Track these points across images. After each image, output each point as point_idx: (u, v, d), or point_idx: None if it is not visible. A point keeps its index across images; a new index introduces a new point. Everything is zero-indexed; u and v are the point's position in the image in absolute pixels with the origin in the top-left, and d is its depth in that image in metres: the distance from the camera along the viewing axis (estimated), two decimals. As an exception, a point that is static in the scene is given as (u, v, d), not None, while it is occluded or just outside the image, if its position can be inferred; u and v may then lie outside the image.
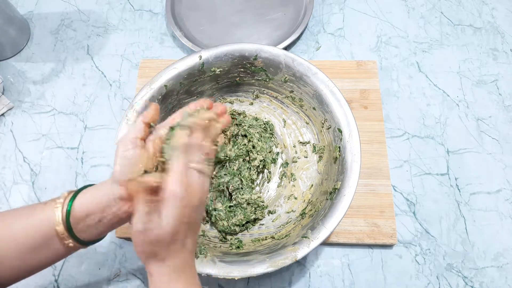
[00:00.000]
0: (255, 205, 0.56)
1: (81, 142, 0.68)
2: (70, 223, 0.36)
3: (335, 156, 0.53)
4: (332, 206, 0.48)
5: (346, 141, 0.51)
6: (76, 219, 0.36)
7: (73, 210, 0.36)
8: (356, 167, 0.49)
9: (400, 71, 0.71)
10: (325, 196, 0.52)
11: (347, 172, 0.50)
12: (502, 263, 0.57)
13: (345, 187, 0.49)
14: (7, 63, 0.76)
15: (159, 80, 0.55)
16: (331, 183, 0.52)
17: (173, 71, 0.56)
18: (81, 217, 0.36)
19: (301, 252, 0.45)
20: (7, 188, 0.65)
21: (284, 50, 0.58)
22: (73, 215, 0.36)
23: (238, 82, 0.63)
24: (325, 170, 0.57)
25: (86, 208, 0.36)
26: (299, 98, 0.60)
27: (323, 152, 0.58)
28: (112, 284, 0.58)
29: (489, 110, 0.68)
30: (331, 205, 0.48)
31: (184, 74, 0.57)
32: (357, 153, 0.50)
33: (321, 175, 0.57)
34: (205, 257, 0.46)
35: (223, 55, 0.57)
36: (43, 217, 0.36)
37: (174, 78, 0.56)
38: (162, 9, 0.80)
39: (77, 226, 0.36)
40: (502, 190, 0.61)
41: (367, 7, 0.78)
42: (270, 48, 0.57)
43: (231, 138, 0.61)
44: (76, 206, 0.36)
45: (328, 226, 0.46)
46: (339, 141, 0.53)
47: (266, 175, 0.61)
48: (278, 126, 0.64)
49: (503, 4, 0.77)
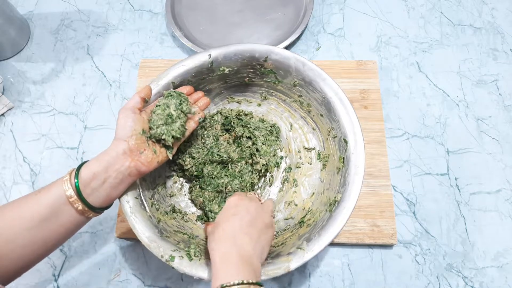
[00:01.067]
0: None
1: (81, 142, 0.68)
2: (79, 185, 0.41)
3: (338, 167, 0.53)
4: (331, 219, 0.47)
5: (351, 152, 0.50)
6: (83, 183, 0.41)
7: (80, 176, 0.41)
8: (358, 180, 0.48)
9: (400, 71, 0.71)
10: (325, 206, 0.51)
11: (348, 185, 0.49)
12: (502, 263, 0.57)
13: (345, 200, 0.48)
14: (7, 63, 0.76)
15: (167, 76, 0.54)
16: (332, 193, 0.52)
17: (181, 68, 0.55)
18: (87, 180, 0.41)
19: (294, 263, 0.44)
20: (7, 188, 0.65)
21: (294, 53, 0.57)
22: (80, 180, 0.41)
23: (247, 83, 0.62)
24: (327, 179, 0.56)
25: (90, 171, 0.41)
26: (307, 103, 0.59)
27: (327, 160, 0.57)
28: (112, 284, 0.58)
29: (489, 110, 0.68)
30: (330, 218, 0.47)
31: (192, 72, 0.56)
32: (360, 166, 0.49)
33: (324, 184, 0.56)
34: (199, 259, 0.45)
35: (232, 54, 0.57)
36: (51, 190, 0.40)
37: (182, 75, 0.56)
38: (162, 9, 0.80)
39: (85, 190, 0.41)
40: (502, 190, 0.61)
41: (367, 7, 0.78)
42: (281, 50, 0.56)
43: (235, 140, 0.61)
44: (82, 173, 0.41)
45: (324, 239, 0.45)
46: (344, 151, 0.52)
47: (268, 179, 0.61)
48: (285, 129, 0.63)
49: (503, 4, 0.77)
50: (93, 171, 0.41)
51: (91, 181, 0.41)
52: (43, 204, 0.39)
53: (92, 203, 0.42)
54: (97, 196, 0.42)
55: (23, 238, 0.38)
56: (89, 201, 0.41)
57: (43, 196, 0.40)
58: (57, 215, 0.40)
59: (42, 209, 0.39)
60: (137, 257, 0.60)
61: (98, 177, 0.41)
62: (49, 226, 0.40)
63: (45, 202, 0.40)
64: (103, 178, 0.42)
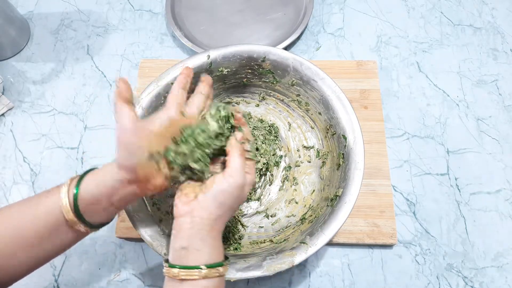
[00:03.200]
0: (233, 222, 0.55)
1: (81, 142, 0.68)
2: (79, 209, 0.36)
3: (338, 163, 0.53)
4: (332, 213, 0.47)
5: (350, 148, 0.51)
6: (84, 205, 0.36)
7: (80, 197, 0.36)
8: (358, 175, 0.49)
9: (400, 71, 0.71)
10: (326, 202, 0.51)
11: (349, 180, 0.49)
12: (502, 263, 0.57)
13: (347, 194, 0.48)
14: (7, 63, 0.76)
15: (166, 77, 0.55)
16: (332, 189, 0.52)
17: (180, 69, 0.56)
18: (89, 203, 0.36)
19: (298, 258, 0.45)
20: (7, 188, 0.65)
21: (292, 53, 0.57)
22: (81, 202, 0.36)
23: (245, 83, 0.62)
24: (327, 176, 0.56)
25: (93, 195, 0.36)
26: (305, 102, 0.59)
27: (327, 157, 0.58)
28: (112, 284, 0.58)
29: (489, 110, 0.67)
30: (331, 212, 0.48)
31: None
32: (360, 161, 0.49)
33: (323, 181, 0.57)
34: None
35: (231, 55, 0.57)
36: (49, 206, 0.36)
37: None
38: (162, 9, 0.80)
39: (86, 212, 0.37)
40: (502, 190, 0.61)
41: (367, 7, 0.78)
42: (279, 50, 0.56)
43: None
44: (83, 193, 0.36)
45: (327, 233, 0.46)
46: (343, 148, 0.52)
47: (268, 178, 0.61)
48: (283, 129, 0.63)
49: (503, 4, 0.77)
50: (95, 197, 0.36)
51: (93, 204, 0.37)
52: (41, 225, 0.36)
53: (93, 223, 0.39)
54: (99, 217, 0.39)
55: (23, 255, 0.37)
56: (91, 222, 0.38)
57: (42, 215, 0.36)
58: (58, 234, 0.37)
59: (42, 229, 0.36)
60: (137, 257, 0.60)
61: (101, 202, 0.37)
62: (50, 243, 0.37)
63: (43, 223, 0.36)
64: (107, 203, 0.37)
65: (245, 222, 0.57)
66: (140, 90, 0.68)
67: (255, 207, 0.59)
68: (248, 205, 0.59)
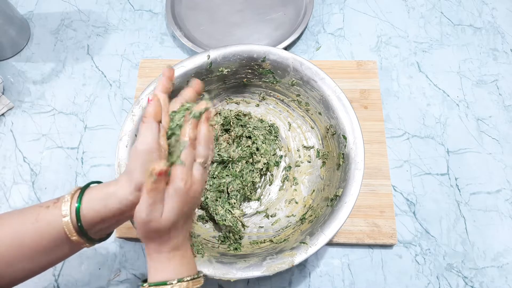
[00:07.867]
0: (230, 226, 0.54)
1: (81, 142, 0.68)
2: (83, 227, 0.36)
3: (338, 163, 0.53)
4: (332, 213, 0.47)
5: (350, 148, 0.51)
6: (88, 225, 0.36)
7: (83, 214, 0.35)
8: (358, 175, 0.49)
9: (400, 71, 0.71)
10: (326, 202, 0.52)
11: (349, 180, 0.49)
12: (502, 263, 0.57)
13: (347, 195, 0.48)
14: (7, 63, 0.76)
15: None
16: (333, 189, 0.52)
17: (180, 69, 0.56)
18: (94, 222, 0.36)
19: (298, 258, 0.45)
20: (7, 188, 0.65)
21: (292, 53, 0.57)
22: (85, 219, 0.35)
23: (245, 83, 0.62)
24: (327, 176, 0.56)
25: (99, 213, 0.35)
26: (305, 102, 0.59)
27: (327, 157, 0.58)
28: (112, 284, 0.58)
29: (489, 110, 0.67)
30: (331, 212, 0.48)
31: (191, 73, 0.56)
32: (360, 161, 0.49)
33: (323, 181, 0.57)
34: (202, 256, 0.46)
35: (231, 55, 0.57)
36: (49, 220, 0.36)
37: (181, 76, 0.56)
38: (162, 9, 0.80)
39: (90, 231, 0.36)
40: (502, 190, 0.61)
41: (367, 7, 0.78)
42: (279, 50, 0.57)
43: (235, 139, 0.61)
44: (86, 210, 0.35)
45: (327, 233, 0.46)
46: (343, 148, 0.52)
47: (268, 178, 0.61)
48: (283, 129, 0.63)
49: (503, 4, 0.77)
50: (101, 217, 0.36)
51: (97, 224, 0.36)
52: (44, 238, 0.36)
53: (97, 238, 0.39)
54: (102, 233, 0.39)
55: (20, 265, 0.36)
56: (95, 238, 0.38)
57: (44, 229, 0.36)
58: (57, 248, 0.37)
59: (44, 243, 0.36)
60: (137, 257, 0.60)
61: (106, 221, 0.37)
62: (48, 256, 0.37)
63: (46, 237, 0.36)
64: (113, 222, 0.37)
65: (245, 222, 0.57)
66: (140, 90, 0.68)
67: (255, 207, 0.59)
68: (248, 205, 0.59)
